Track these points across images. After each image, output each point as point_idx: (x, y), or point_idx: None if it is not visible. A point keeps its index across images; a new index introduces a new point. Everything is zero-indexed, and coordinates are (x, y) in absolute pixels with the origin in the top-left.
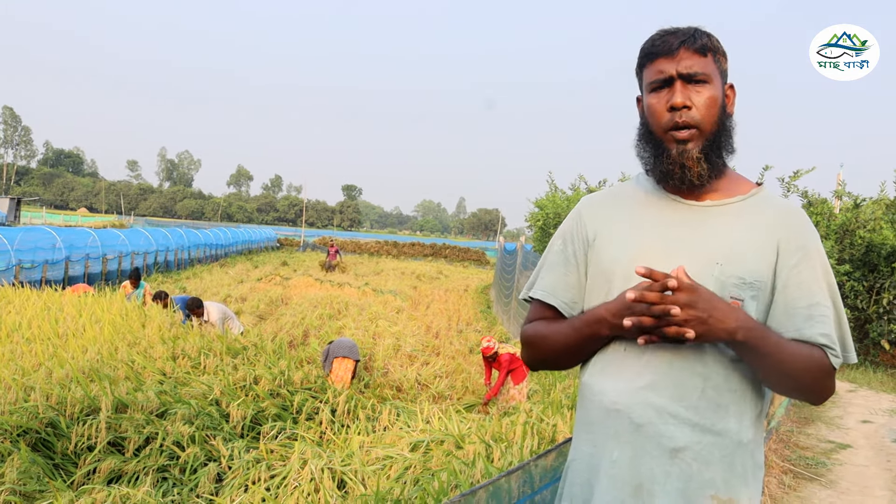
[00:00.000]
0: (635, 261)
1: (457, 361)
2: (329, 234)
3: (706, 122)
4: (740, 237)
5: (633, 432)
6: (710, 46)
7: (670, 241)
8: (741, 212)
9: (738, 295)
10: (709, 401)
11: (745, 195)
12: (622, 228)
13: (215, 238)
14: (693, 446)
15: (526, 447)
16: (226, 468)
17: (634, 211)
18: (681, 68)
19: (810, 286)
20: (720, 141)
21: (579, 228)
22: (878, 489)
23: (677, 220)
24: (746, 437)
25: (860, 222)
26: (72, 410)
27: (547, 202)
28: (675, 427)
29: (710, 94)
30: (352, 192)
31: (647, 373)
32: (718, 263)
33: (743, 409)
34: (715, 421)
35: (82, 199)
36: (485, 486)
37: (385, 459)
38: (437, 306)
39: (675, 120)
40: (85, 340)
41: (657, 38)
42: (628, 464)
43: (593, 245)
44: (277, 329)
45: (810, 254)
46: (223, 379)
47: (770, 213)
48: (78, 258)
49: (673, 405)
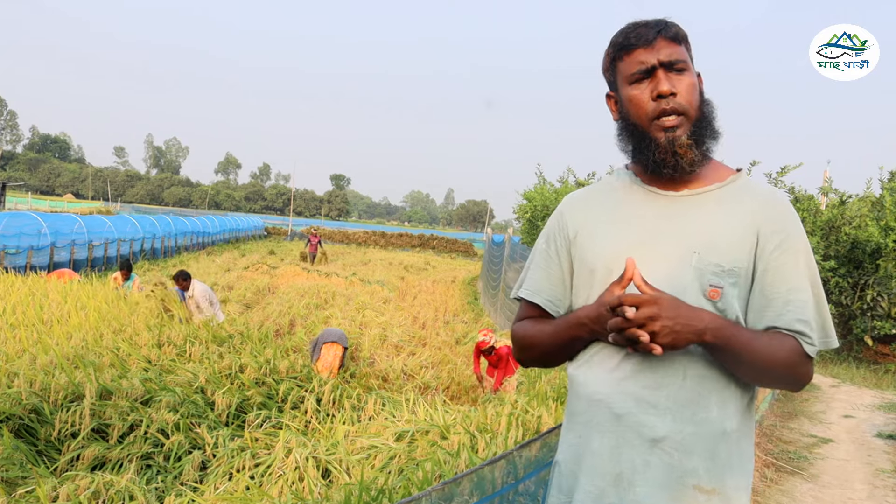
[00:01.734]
0: (615, 255)
1: (443, 352)
2: (317, 223)
3: (691, 108)
4: (717, 225)
5: (613, 422)
6: (682, 35)
7: (648, 234)
8: (719, 199)
9: (718, 283)
10: (689, 390)
11: (722, 182)
12: (601, 224)
13: (202, 226)
14: (674, 436)
15: (511, 438)
16: (210, 456)
17: (613, 206)
18: (662, 57)
19: (789, 271)
20: (706, 126)
21: (561, 227)
22: (858, 483)
23: (655, 212)
24: (730, 426)
25: (846, 219)
26: (56, 397)
27: (535, 194)
28: (654, 417)
29: (690, 80)
30: (340, 181)
31: (628, 363)
32: (696, 252)
33: (726, 399)
34: (696, 410)
35: (69, 184)
36: (468, 474)
37: (370, 449)
38: (425, 297)
39: (663, 107)
40: (70, 327)
41: (630, 30)
42: (609, 454)
43: (575, 242)
44: (264, 318)
45: (790, 238)
46: (208, 367)
47: (749, 199)
48: (63, 244)
49: (653, 395)
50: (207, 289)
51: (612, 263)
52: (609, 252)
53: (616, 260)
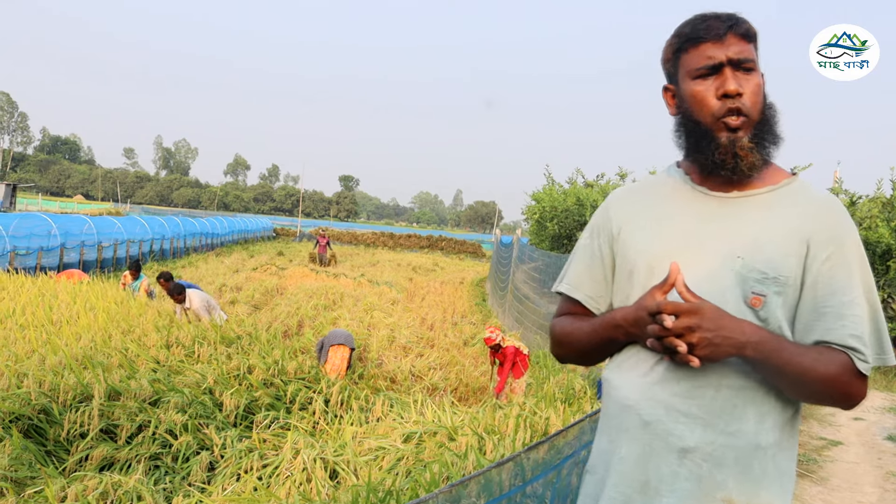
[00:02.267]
0: (657, 255)
1: (451, 354)
2: (326, 224)
3: (754, 111)
4: (766, 229)
5: (641, 429)
6: (752, 33)
7: (692, 235)
8: (770, 203)
9: (761, 290)
10: (724, 401)
11: (775, 185)
12: (646, 222)
13: (211, 227)
14: (704, 447)
15: (518, 440)
16: (218, 457)
17: (660, 204)
18: (731, 54)
19: (842, 283)
20: (767, 129)
21: (605, 222)
22: (868, 486)
23: (702, 213)
24: (767, 440)
25: (856, 220)
26: (64, 397)
27: (544, 195)
28: (684, 426)
29: (757, 81)
30: (349, 182)
31: (660, 369)
32: (739, 257)
33: (764, 412)
34: (730, 422)
35: (78, 186)
36: (475, 476)
37: (378, 450)
38: (433, 298)
39: (728, 107)
40: (79, 328)
41: (699, 21)
42: (636, 461)
43: (618, 239)
44: (272, 319)
45: (844, 248)
46: (217, 368)
47: (801, 204)
48: (73, 245)
49: (684, 403)
50: (205, 297)
51: (654, 263)
52: (651, 251)
53: (658, 260)
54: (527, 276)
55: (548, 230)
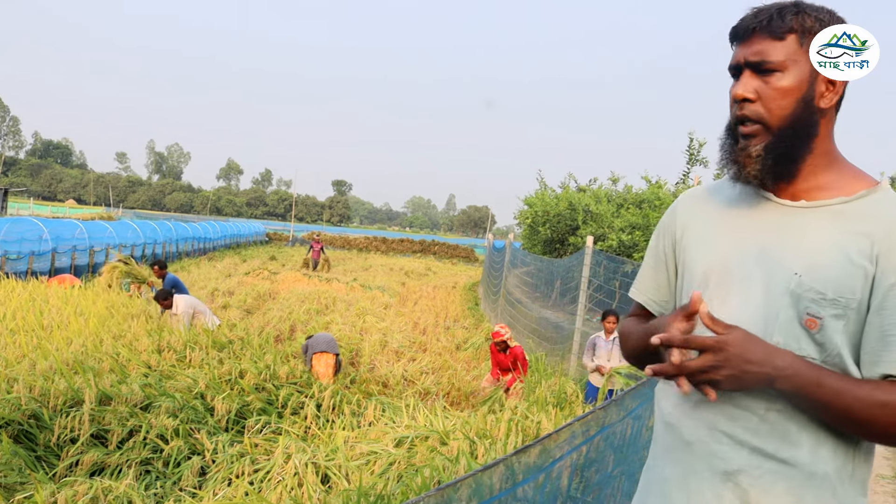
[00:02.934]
0: (712, 264)
1: (443, 358)
2: (319, 229)
3: (774, 118)
4: (830, 245)
5: (683, 450)
6: (793, 27)
7: (749, 246)
8: (841, 215)
9: (817, 312)
10: (772, 425)
11: (849, 196)
12: (707, 227)
13: (204, 231)
14: (751, 470)
15: (510, 444)
16: (210, 462)
17: (723, 208)
18: (748, 56)
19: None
20: (793, 139)
21: (670, 223)
22: None
23: (764, 222)
24: (824, 469)
25: None
26: (55, 402)
27: (536, 200)
28: (729, 448)
29: (783, 84)
30: (342, 187)
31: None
32: (797, 274)
33: (821, 438)
34: (780, 447)
35: (70, 190)
36: (465, 478)
37: (369, 455)
38: (425, 303)
39: (737, 113)
40: (70, 332)
41: (742, 18)
42: (678, 483)
43: (680, 242)
44: (264, 323)
45: None
46: (208, 372)
47: (875, 218)
48: (65, 250)
49: (728, 424)
50: (192, 302)
51: (710, 272)
52: (708, 259)
53: (710, 272)
54: (519, 280)
55: (540, 234)
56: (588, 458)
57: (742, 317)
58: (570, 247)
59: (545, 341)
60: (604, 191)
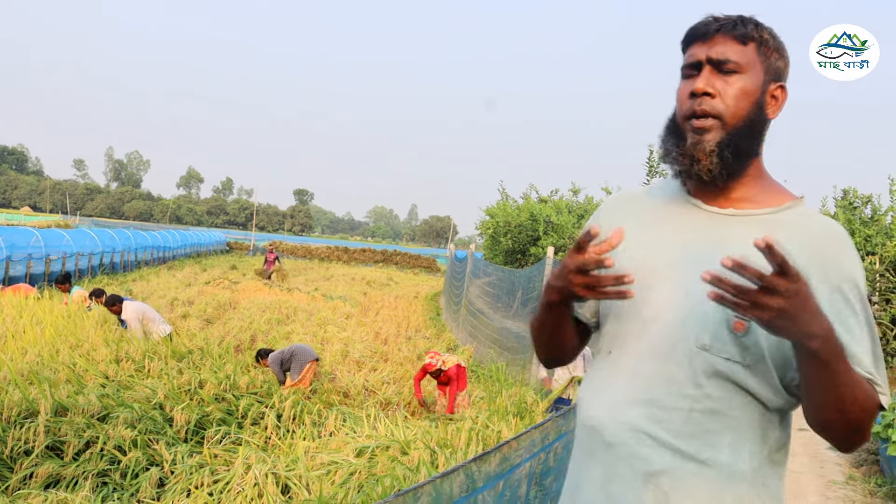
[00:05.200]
0: (639, 267)
1: (405, 368)
2: (280, 238)
3: (730, 116)
4: (759, 253)
5: (605, 451)
6: (753, 36)
7: (678, 249)
8: (768, 225)
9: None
10: (696, 425)
11: (776, 208)
12: (635, 232)
13: (163, 240)
14: (672, 472)
15: (471, 452)
16: (168, 473)
17: (651, 213)
18: (711, 53)
19: (846, 319)
20: (744, 139)
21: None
22: (811, 495)
23: (693, 228)
24: (743, 470)
25: None
26: (9, 414)
27: (498, 210)
28: (650, 449)
29: (742, 85)
30: (303, 196)
31: (628, 388)
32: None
33: (741, 440)
34: (701, 448)
35: (26, 197)
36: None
37: (330, 465)
38: (387, 313)
39: (694, 107)
40: (25, 342)
41: (699, 22)
42: (600, 485)
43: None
44: (224, 333)
45: (847, 284)
46: (167, 383)
47: (803, 231)
48: (20, 258)
49: (651, 426)
50: (139, 307)
51: (635, 273)
52: (634, 260)
53: (639, 270)
54: (481, 290)
55: (502, 245)
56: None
57: (668, 316)
58: (531, 257)
59: (506, 351)
60: (565, 202)
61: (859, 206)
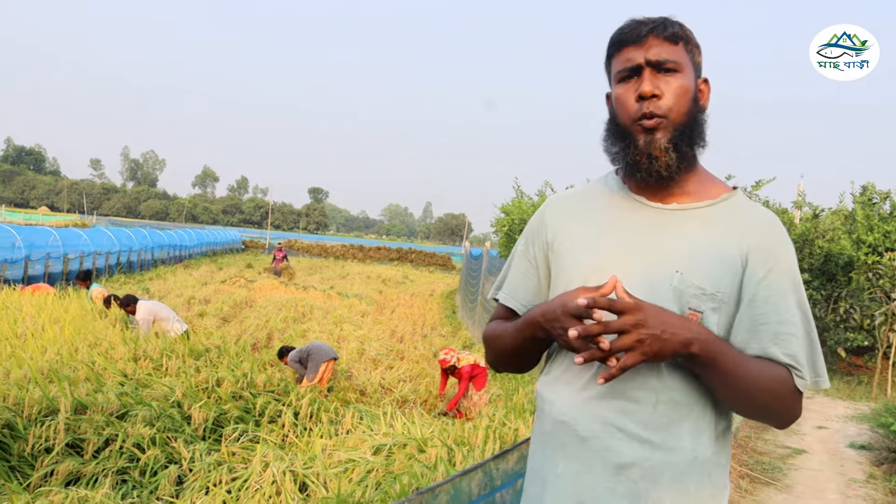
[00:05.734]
0: (592, 266)
1: (421, 366)
2: (295, 236)
3: (676, 113)
4: (704, 244)
5: (578, 445)
6: (681, 35)
7: (629, 246)
8: (709, 217)
9: (698, 307)
10: (661, 416)
11: (714, 199)
12: (582, 231)
13: (179, 239)
14: (641, 463)
15: (488, 450)
16: (187, 471)
17: (597, 212)
18: (650, 56)
19: (778, 302)
20: (690, 133)
21: (540, 229)
22: (831, 493)
23: (640, 224)
24: (703, 455)
25: (819, 232)
26: (29, 411)
27: (513, 208)
28: (622, 442)
29: (681, 83)
30: (318, 194)
31: (597, 384)
32: (678, 272)
33: (700, 427)
34: (666, 438)
35: (43, 197)
36: (443, 483)
37: (347, 462)
38: (403, 311)
39: (643, 110)
40: (44, 341)
41: (626, 26)
42: (571, 478)
43: (552, 247)
44: (241, 331)
45: (780, 267)
46: (185, 381)
47: (740, 219)
48: (38, 257)
49: (621, 419)
50: (152, 308)
51: (590, 275)
52: (587, 262)
53: (594, 272)
54: None
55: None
56: None
57: None
58: None
59: None
60: None
61: (878, 201)
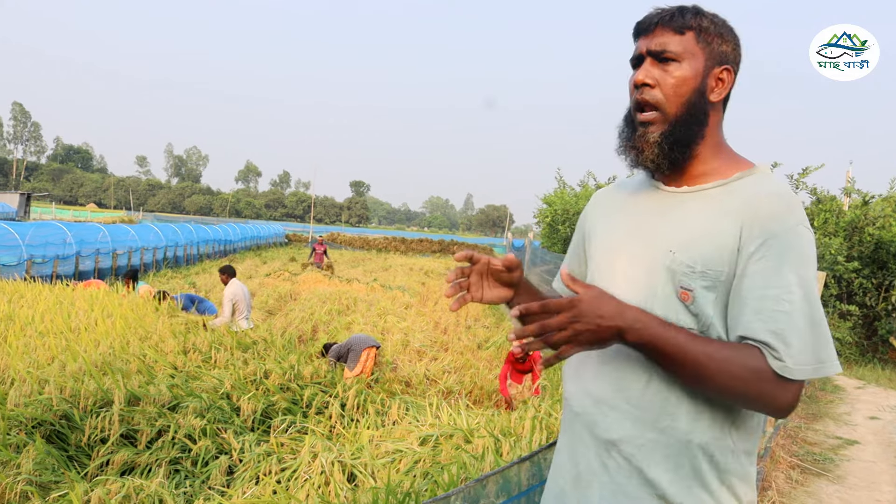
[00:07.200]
0: (603, 251)
1: (465, 357)
2: (338, 230)
3: (671, 104)
4: (699, 223)
5: (573, 420)
6: (692, 25)
7: (633, 230)
8: (716, 197)
9: (688, 285)
10: (654, 394)
11: (726, 179)
12: (608, 219)
13: (224, 234)
14: (632, 440)
15: (535, 441)
16: (237, 461)
17: (622, 201)
18: (651, 45)
19: (767, 276)
20: (687, 126)
21: (583, 221)
22: (886, 485)
23: (649, 208)
24: (700, 438)
25: (869, 219)
26: (85, 403)
27: (555, 198)
28: (612, 418)
29: (681, 73)
30: (360, 188)
31: (591, 363)
32: (672, 251)
33: (700, 410)
34: (659, 417)
35: (91, 194)
36: (493, 474)
37: (395, 453)
38: (446, 302)
39: (636, 98)
40: (97, 334)
41: (645, 16)
42: (567, 452)
43: (588, 236)
44: (287, 324)
45: (775, 240)
46: (234, 373)
47: (741, 196)
48: (88, 253)
49: (613, 396)
50: (237, 293)
51: (601, 260)
52: (601, 247)
53: (603, 257)
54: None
55: (560, 233)
56: None
57: (628, 295)
58: None
59: None
60: None
61: None
